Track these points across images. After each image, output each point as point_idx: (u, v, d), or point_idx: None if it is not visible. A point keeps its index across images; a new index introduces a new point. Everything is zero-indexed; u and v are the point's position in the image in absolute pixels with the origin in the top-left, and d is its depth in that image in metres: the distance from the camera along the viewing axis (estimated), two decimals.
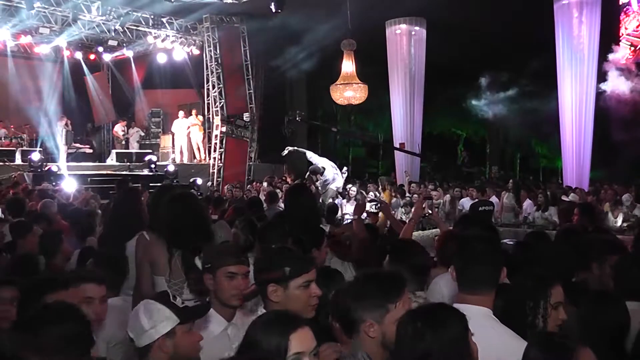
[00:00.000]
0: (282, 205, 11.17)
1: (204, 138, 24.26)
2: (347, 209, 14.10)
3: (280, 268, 3.07)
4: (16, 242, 6.13)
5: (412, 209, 8.94)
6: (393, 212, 14.63)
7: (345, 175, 17.25)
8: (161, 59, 24.40)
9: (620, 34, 21.84)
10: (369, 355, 2.80)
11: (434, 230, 11.77)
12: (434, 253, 5.42)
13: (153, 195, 5.96)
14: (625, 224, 12.38)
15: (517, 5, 19.05)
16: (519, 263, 4.04)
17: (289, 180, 21.19)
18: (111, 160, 22.53)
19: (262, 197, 15.12)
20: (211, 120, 23.61)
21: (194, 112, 24.25)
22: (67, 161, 20.78)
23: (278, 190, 15.41)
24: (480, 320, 2.83)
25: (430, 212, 5.38)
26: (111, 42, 23.15)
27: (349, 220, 9.85)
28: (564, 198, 14.95)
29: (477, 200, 14.04)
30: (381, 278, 3.03)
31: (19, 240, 6.12)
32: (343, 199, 15.66)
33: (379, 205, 9.13)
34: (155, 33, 22.56)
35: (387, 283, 2.95)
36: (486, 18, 19.58)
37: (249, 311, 3.62)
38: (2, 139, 21.01)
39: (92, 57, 25.01)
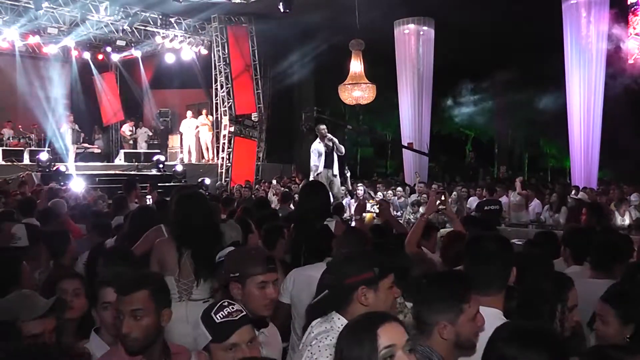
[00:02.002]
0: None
1: (212, 138, 24.25)
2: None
3: (370, 269, 2.97)
4: None
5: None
6: (401, 212, 14.66)
7: (347, 175, 17.13)
8: (169, 59, 24.43)
9: (629, 34, 21.77)
10: (442, 356, 2.77)
11: (440, 230, 11.75)
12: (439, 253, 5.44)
13: (171, 195, 5.97)
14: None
15: (525, 5, 19.01)
16: (528, 263, 4.00)
17: (297, 179, 21.18)
18: (119, 160, 22.54)
19: (272, 197, 15.15)
20: (219, 120, 23.63)
21: (204, 112, 24.25)
22: (75, 161, 20.83)
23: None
24: (492, 321, 2.81)
25: (444, 206, 5.32)
26: (119, 42, 23.20)
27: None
28: (572, 196, 14.97)
29: (484, 199, 14.09)
30: (450, 279, 3.00)
31: None
32: (351, 198, 15.63)
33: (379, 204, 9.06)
34: (163, 33, 22.61)
35: (458, 283, 2.92)
36: (494, 18, 19.53)
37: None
38: (11, 138, 21.06)
39: (100, 57, 25.08)
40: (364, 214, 8.45)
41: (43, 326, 3.04)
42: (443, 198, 5.28)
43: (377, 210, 9.18)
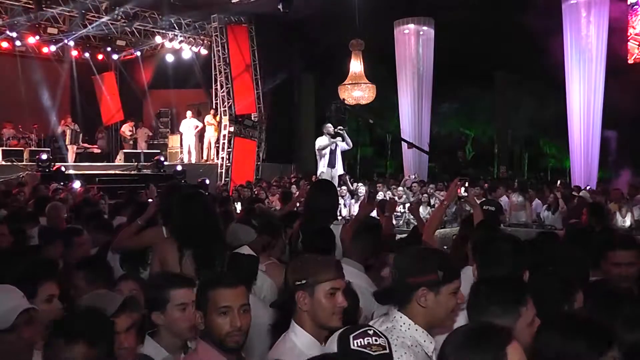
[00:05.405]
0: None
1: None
2: (356, 208, 14.06)
3: (434, 271, 2.80)
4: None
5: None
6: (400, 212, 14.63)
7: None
8: (169, 59, 24.42)
9: (629, 34, 21.77)
10: None
11: (454, 229, 11.72)
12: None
13: (162, 191, 5.95)
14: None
15: (525, 5, 19.01)
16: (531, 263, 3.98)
17: (294, 179, 21.12)
18: (119, 160, 22.50)
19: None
20: (219, 120, 23.60)
21: (211, 112, 24.13)
22: (76, 161, 20.82)
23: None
24: None
25: (466, 193, 5.26)
26: (119, 42, 23.22)
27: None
28: (574, 194, 14.95)
29: (482, 199, 14.04)
30: (507, 282, 2.90)
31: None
32: (352, 198, 15.61)
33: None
34: (163, 33, 22.58)
35: (515, 286, 2.85)
36: (494, 18, 19.54)
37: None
38: (11, 139, 21.03)
39: (100, 57, 25.05)
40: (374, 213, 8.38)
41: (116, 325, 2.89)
42: (467, 186, 5.27)
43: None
